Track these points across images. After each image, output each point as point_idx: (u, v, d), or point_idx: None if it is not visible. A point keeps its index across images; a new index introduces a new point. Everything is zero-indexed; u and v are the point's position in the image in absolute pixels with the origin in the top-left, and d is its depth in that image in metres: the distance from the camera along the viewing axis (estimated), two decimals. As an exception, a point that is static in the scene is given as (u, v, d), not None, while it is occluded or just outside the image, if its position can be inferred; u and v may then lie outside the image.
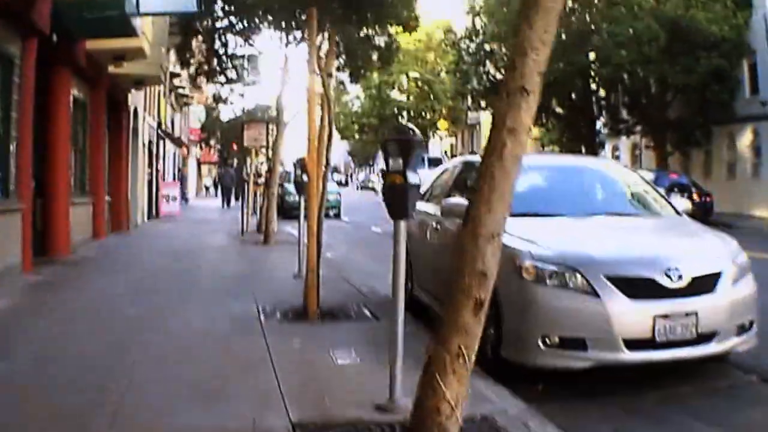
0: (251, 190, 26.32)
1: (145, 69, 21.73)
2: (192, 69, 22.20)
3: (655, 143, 39.40)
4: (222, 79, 22.69)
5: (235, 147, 45.01)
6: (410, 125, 6.30)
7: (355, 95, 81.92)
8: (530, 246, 7.44)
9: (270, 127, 23.53)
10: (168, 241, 21.56)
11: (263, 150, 25.27)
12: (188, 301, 11.02)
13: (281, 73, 21.00)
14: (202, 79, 26.36)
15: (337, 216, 34.37)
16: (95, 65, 19.48)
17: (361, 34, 16.40)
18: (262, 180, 27.51)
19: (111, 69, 20.81)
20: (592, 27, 37.60)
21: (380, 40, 20.32)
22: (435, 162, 50.32)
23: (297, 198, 32.86)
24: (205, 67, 21.65)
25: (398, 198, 6.02)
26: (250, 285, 12.81)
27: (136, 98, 27.22)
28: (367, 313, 10.26)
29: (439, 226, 9.55)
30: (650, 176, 25.01)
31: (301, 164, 13.88)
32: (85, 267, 15.22)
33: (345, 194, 40.36)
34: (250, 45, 21.33)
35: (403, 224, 6.10)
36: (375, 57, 19.46)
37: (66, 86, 17.34)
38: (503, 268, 7.05)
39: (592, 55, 38.59)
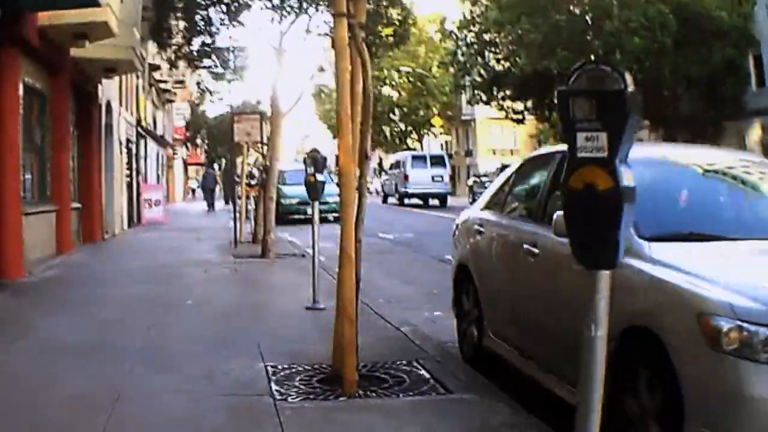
0: (243, 192, 23.04)
1: (115, 53, 18.43)
2: (170, 52, 18.86)
3: (666, 139, 36.45)
4: (206, 63, 19.41)
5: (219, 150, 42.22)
6: (616, 67, 3.06)
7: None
8: (724, 293, 4.24)
9: (264, 120, 20.39)
10: (146, 255, 18.18)
11: (257, 146, 21.96)
12: (164, 359, 7.62)
13: (276, 55, 17.67)
14: (183, 66, 23.29)
15: (337, 220, 30.77)
16: (53, 46, 16.21)
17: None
18: (254, 181, 24.22)
19: (74, 52, 17.53)
20: (588, 17, 34.74)
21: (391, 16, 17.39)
22: (437, 159, 47.04)
23: (295, 201, 30.18)
24: (186, 49, 18.33)
25: (602, 219, 2.84)
26: (249, 324, 9.51)
27: (108, 90, 23.85)
28: (426, 375, 6.95)
29: (538, 250, 6.25)
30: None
31: (313, 158, 10.67)
32: (35, 296, 11.91)
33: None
34: (238, 23, 18.09)
35: (606, 278, 2.86)
36: (389, 32, 16.40)
37: (14, 70, 14.10)
38: (677, 327, 4.35)
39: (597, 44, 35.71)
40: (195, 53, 18.42)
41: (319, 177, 10.57)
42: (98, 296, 11.77)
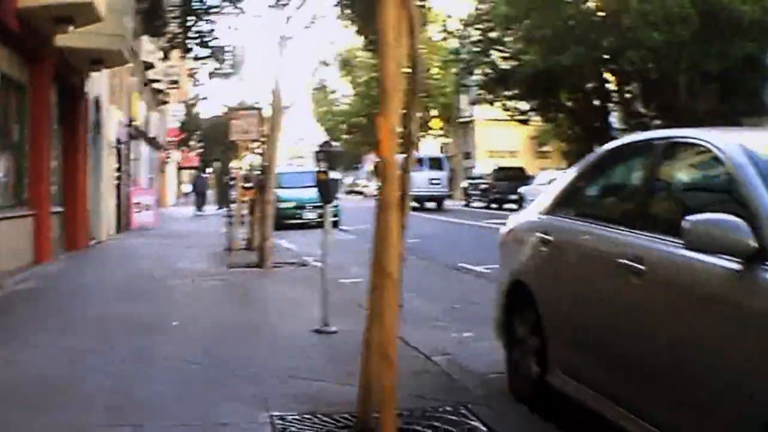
0: (238, 196, 21.39)
1: (103, 42, 16.85)
2: (164, 41, 17.28)
3: None
4: (202, 53, 17.83)
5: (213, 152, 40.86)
6: None
7: (341, 94, 77.63)
8: None
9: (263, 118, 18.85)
10: (133, 265, 16.54)
11: (254, 145, 20.37)
12: (140, 406, 5.95)
13: (279, 44, 16.09)
14: (178, 66, 21.77)
15: (336, 225, 29.07)
16: (34, 31, 14.65)
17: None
18: (250, 183, 22.64)
19: (59, 41, 15.98)
20: (602, 12, 33.41)
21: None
22: (436, 162, 45.17)
23: (291, 205, 28.48)
24: (180, 38, 16.74)
25: None
26: (247, 353, 7.84)
27: (98, 86, 22.19)
28: (481, 428, 5.35)
29: (645, 267, 4.63)
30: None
31: (326, 152, 9.02)
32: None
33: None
34: (238, 9, 16.53)
35: None
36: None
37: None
38: None
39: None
40: (191, 41, 16.81)
41: (334, 175, 8.89)
42: (72, 316, 10.11)
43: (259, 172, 18.58)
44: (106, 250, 20.47)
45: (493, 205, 42.50)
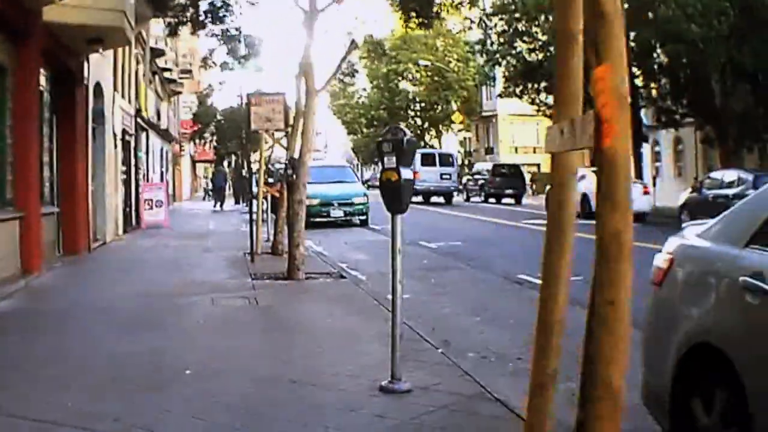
0: (261, 192, 18.96)
1: (101, 17, 14.52)
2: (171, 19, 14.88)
3: (719, 137, 33.09)
4: (215, 29, 15.42)
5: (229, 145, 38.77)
6: None
7: (361, 87, 75.54)
8: None
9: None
10: (138, 275, 14.11)
11: (278, 135, 17.97)
12: None
13: (307, 19, 13.68)
14: (190, 56, 19.43)
15: (364, 223, 26.85)
16: (17, 5, 12.28)
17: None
18: (272, 179, 20.37)
19: (48, 16, 13.65)
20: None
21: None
22: (445, 159, 43.78)
23: (316, 202, 25.78)
24: (190, 12, 14.31)
25: None
26: None
27: (99, 71, 19.74)
28: None
29: None
30: (750, 177, 21.37)
31: (395, 142, 6.34)
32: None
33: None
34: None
35: None
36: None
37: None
38: None
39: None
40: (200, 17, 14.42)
41: (406, 173, 6.21)
42: (53, 357, 7.60)
43: (284, 167, 16.11)
44: (110, 255, 18.07)
45: (491, 200, 45.70)
